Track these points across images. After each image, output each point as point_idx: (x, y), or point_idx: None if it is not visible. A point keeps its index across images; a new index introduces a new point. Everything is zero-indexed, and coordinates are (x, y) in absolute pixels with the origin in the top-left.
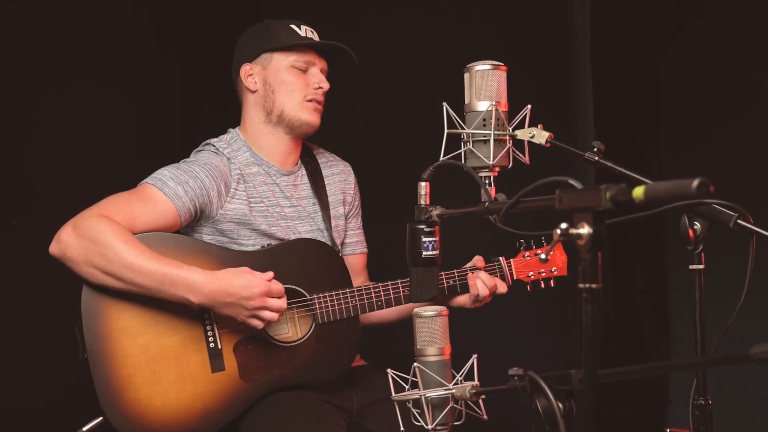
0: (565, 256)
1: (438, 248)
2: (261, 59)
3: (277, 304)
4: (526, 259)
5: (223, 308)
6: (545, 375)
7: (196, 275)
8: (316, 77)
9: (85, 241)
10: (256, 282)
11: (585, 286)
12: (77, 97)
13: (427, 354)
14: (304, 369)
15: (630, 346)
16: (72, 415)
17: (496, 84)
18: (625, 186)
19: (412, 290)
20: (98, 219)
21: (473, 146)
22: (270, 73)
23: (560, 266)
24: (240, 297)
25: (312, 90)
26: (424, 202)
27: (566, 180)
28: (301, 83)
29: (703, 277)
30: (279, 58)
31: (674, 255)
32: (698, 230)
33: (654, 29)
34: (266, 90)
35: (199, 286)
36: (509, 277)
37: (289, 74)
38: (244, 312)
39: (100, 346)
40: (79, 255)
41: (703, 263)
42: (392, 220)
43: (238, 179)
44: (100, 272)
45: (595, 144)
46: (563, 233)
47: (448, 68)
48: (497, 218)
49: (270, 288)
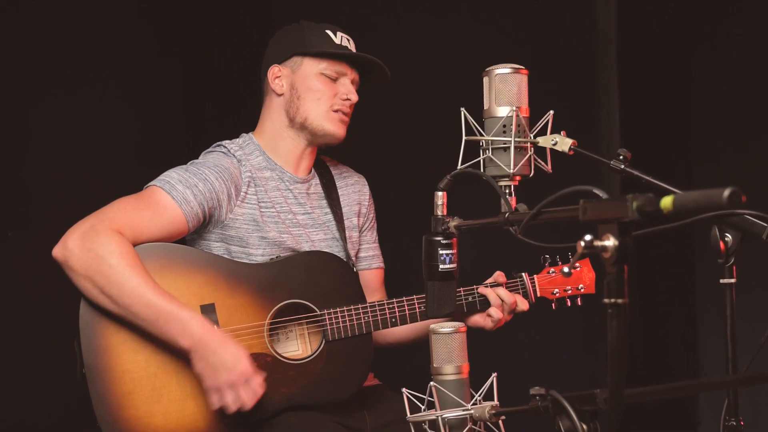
0: (593, 273)
1: (455, 261)
2: (291, 62)
3: (245, 395)
4: (551, 276)
5: (198, 361)
6: (568, 395)
7: (194, 322)
8: (346, 88)
9: (91, 255)
10: (244, 364)
11: (610, 300)
12: (76, 102)
13: (444, 372)
14: (313, 388)
15: (657, 365)
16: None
17: (517, 88)
18: (652, 196)
19: (428, 305)
20: (109, 235)
21: (493, 154)
22: (298, 78)
23: (588, 284)
24: (221, 364)
25: (339, 100)
26: (440, 212)
27: (590, 189)
28: (329, 92)
29: (734, 292)
30: (309, 64)
31: (704, 268)
32: (729, 242)
33: (684, 29)
34: (292, 94)
35: (193, 331)
36: (532, 295)
37: (318, 81)
38: (213, 380)
39: (98, 361)
40: (81, 267)
41: (734, 277)
42: (407, 232)
43: (249, 182)
44: (97, 290)
45: (621, 152)
46: (587, 246)
47: (466, 72)
48: (518, 230)
49: (252, 380)
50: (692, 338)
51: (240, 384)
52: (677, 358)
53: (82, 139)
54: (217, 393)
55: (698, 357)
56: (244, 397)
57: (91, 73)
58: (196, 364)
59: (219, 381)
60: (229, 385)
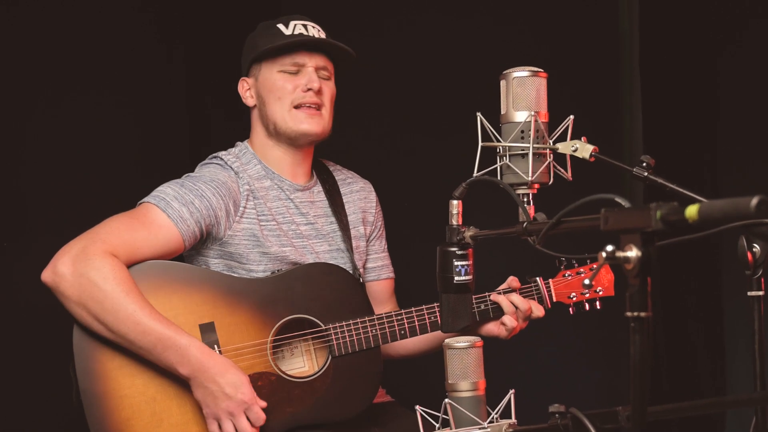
0: (612, 275)
1: (471, 273)
2: (252, 71)
3: (244, 425)
4: (567, 279)
5: (198, 388)
6: (589, 413)
7: (193, 348)
8: (306, 78)
9: (84, 280)
10: (244, 392)
11: (633, 314)
12: (74, 108)
13: (459, 389)
14: (320, 406)
15: (682, 380)
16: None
17: (536, 92)
18: (677, 204)
19: (443, 319)
20: (102, 258)
21: (510, 161)
22: (261, 84)
23: (606, 286)
24: (220, 392)
25: (300, 93)
26: (456, 222)
27: (612, 198)
28: (288, 87)
29: (762, 305)
30: (267, 67)
31: (731, 280)
32: (758, 253)
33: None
34: (260, 103)
35: (192, 358)
36: (548, 300)
37: (278, 80)
38: (211, 407)
39: (94, 387)
40: (73, 294)
41: (762, 289)
42: (420, 242)
43: (248, 196)
44: (90, 317)
45: (645, 158)
46: (609, 256)
47: (482, 75)
48: (537, 240)
49: (251, 408)
50: (718, 353)
51: (239, 413)
52: (702, 372)
53: (81, 147)
54: (215, 421)
55: (724, 372)
56: (244, 425)
57: (91, 79)
58: (196, 392)
59: (218, 409)
60: (228, 413)
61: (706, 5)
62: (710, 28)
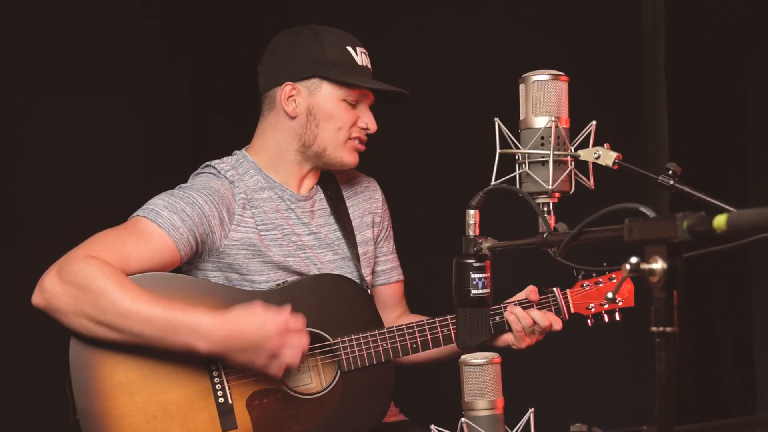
0: (632, 285)
1: (489, 286)
2: (309, 83)
3: (297, 341)
4: (585, 290)
5: (236, 355)
6: None
7: (203, 319)
8: (366, 117)
9: (73, 288)
10: (271, 318)
11: (658, 329)
12: (76, 117)
13: (476, 408)
14: (329, 424)
15: (710, 397)
16: None
17: (556, 97)
18: (704, 214)
19: (459, 334)
20: (86, 261)
21: (530, 168)
22: (317, 102)
23: (626, 296)
24: (254, 340)
25: (358, 129)
26: (473, 232)
27: (637, 207)
28: (349, 120)
29: None
30: (331, 89)
31: (761, 293)
32: None
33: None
34: (309, 120)
35: (207, 331)
36: (565, 311)
37: (338, 108)
38: (260, 358)
39: (92, 406)
40: (67, 305)
41: None
42: (436, 253)
43: (244, 204)
44: (92, 323)
45: (670, 166)
46: (633, 268)
47: (500, 79)
48: (557, 251)
49: (287, 323)
50: (748, 368)
51: (281, 344)
52: (731, 388)
53: (82, 156)
54: (273, 364)
55: (755, 389)
56: (294, 349)
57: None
58: (235, 360)
59: (266, 355)
60: (276, 349)
61: (734, 4)
62: (739, 28)
